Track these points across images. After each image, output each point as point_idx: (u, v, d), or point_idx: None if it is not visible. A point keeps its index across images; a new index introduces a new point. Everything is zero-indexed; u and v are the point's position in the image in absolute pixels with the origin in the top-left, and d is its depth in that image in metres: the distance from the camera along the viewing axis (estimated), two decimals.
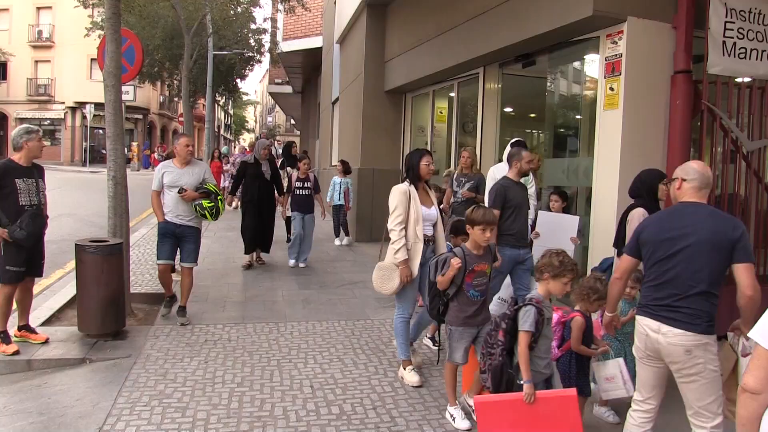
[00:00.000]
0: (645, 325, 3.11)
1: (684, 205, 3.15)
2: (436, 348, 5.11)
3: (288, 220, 9.77)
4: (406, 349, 4.73)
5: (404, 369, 4.68)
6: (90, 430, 3.70)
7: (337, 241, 11.09)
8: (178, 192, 5.87)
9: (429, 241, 4.76)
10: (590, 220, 6.04)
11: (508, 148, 5.99)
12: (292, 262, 8.92)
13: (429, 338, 5.53)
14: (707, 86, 5.59)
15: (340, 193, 10.85)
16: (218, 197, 6.08)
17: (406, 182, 4.75)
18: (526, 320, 3.36)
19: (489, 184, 6.05)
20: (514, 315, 3.47)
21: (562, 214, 6.07)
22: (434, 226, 4.84)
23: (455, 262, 3.82)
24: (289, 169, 11.01)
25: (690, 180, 3.15)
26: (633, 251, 3.29)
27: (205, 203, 5.97)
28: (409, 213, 4.61)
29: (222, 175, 16.12)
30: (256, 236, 8.73)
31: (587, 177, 6.33)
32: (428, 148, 11.14)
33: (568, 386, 3.58)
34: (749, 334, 2.00)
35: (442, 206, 6.26)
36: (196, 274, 8.03)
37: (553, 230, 5.82)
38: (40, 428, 3.77)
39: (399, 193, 4.64)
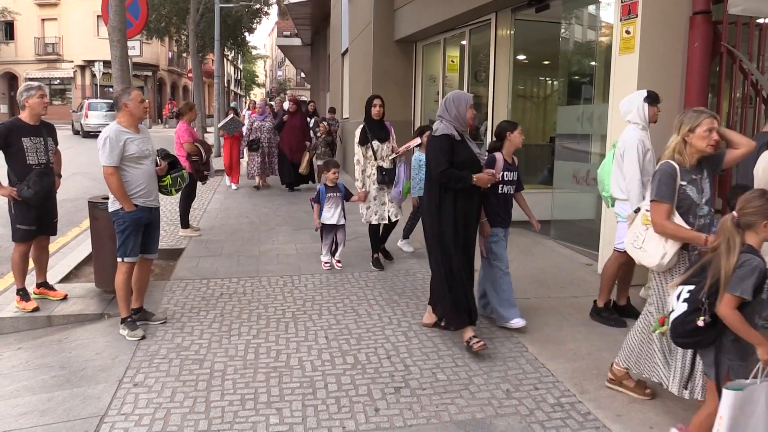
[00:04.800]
0: None
1: None
2: None
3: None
4: None
5: None
6: (110, 382, 3.78)
7: (406, 246, 7.14)
8: (158, 164, 4.70)
9: None
10: None
11: (632, 100, 4.70)
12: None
13: None
14: (727, 27, 5.41)
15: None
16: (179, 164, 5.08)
17: None
18: None
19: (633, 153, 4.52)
20: None
21: None
22: None
23: None
24: (375, 143, 6.26)
25: None
26: None
27: (185, 173, 5.06)
28: None
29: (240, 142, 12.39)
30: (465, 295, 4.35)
31: (602, 124, 6.22)
32: (439, 99, 11.08)
33: None
34: None
35: None
36: (210, 229, 8.12)
37: None
38: (62, 381, 3.85)
39: None
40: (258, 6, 26.57)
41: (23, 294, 5.10)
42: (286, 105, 12.42)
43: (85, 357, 4.22)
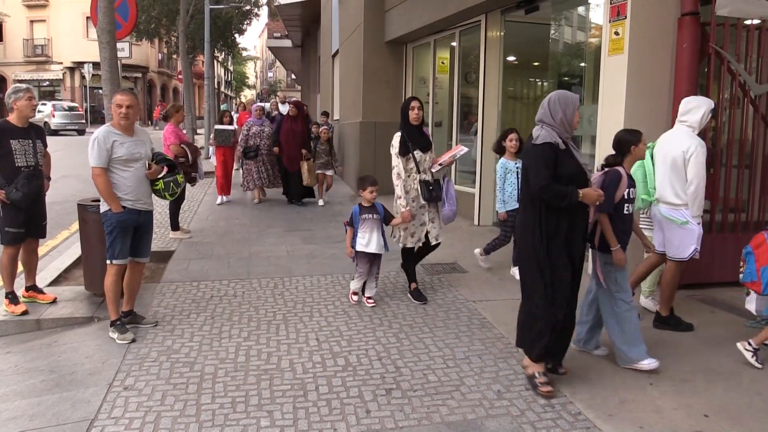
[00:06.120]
0: None
1: None
2: None
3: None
4: None
5: None
6: (100, 386, 3.76)
7: (484, 263, 6.42)
8: (148, 168, 4.62)
9: None
10: (594, 169, 5.97)
11: (700, 104, 4.60)
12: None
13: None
14: (715, 29, 5.45)
15: (519, 188, 5.31)
16: (178, 168, 4.98)
17: None
18: None
19: (668, 160, 4.57)
20: None
21: None
22: None
23: None
24: (417, 153, 5.27)
25: None
26: None
27: (180, 178, 4.86)
28: None
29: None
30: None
31: (591, 125, 6.25)
32: (429, 100, 11.10)
33: None
34: None
35: None
36: (200, 231, 8.09)
37: None
38: (52, 386, 3.83)
39: None
40: (248, 7, 26.55)
41: (12, 297, 5.06)
42: (284, 108, 11.68)
43: (75, 360, 4.19)
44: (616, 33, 5.58)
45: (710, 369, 4.03)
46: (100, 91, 7.88)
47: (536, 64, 10.00)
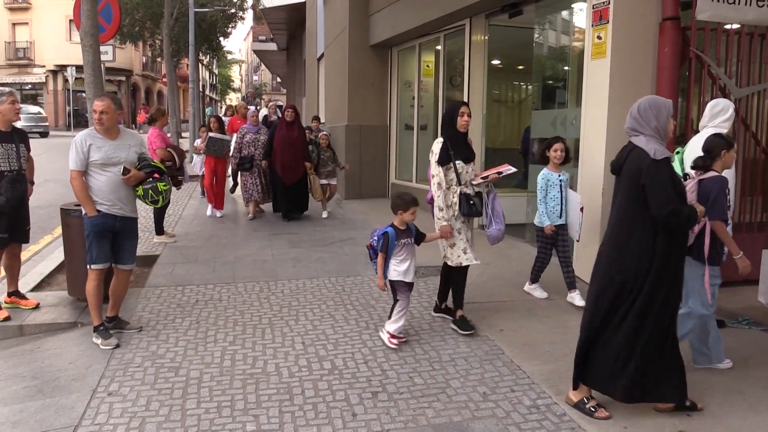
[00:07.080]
0: None
1: None
2: None
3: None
4: None
5: None
6: (84, 392, 3.73)
7: (578, 299, 5.33)
8: (123, 173, 4.45)
9: None
10: (578, 171, 6.03)
11: (726, 107, 4.65)
12: None
13: None
14: (695, 33, 5.53)
15: (563, 202, 5.50)
16: (166, 175, 4.80)
17: None
18: None
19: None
20: None
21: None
22: None
23: None
24: (459, 164, 4.74)
25: None
26: None
27: (161, 186, 4.64)
28: None
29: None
30: None
31: (575, 128, 6.30)
32: (415, 104, 11.14)
33: None
34: None
35: None
36: (185, 235, 8.05)
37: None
38: (35, 392, 3.79)
39: None
40: (233, 11, 26.50)
41: None
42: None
43: (58, 366, 4.15)
44: (599, 37, 5.64)
45: (693, 369, 4.07)
46: (84, 94, 7.81)
47: (520, 67, 10.09)
